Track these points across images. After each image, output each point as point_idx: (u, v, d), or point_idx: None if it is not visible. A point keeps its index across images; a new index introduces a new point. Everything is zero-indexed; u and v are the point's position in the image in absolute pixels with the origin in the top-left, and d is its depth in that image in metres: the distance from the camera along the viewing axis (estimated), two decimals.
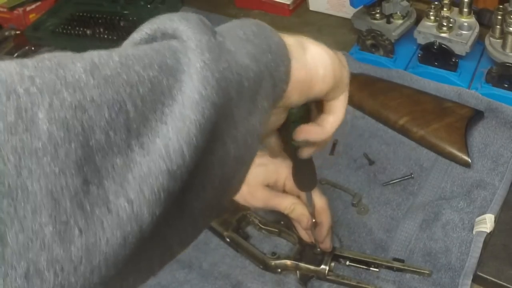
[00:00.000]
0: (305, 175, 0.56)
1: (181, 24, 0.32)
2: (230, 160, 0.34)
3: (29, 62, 0.25)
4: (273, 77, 0.37)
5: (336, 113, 0.47)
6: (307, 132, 0.47)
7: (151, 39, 0.34)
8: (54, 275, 0.24)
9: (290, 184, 0.61)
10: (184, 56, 0.30)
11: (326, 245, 0.64)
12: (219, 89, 0.30)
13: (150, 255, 0.30)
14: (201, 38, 0.31)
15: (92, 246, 0.24)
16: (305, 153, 0.51)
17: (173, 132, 0.27)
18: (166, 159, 0.27)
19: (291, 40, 0.41)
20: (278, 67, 0.37)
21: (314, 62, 0.42)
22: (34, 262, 0.23)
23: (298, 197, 0.62)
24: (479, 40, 0.87)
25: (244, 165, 0.37)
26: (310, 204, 0.60)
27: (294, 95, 0.41)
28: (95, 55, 0.27)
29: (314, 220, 0.61)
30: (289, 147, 0.51)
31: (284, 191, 0.63)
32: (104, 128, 0.25)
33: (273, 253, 0.67)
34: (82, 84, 0.25)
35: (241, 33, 0.36)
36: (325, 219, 0.62)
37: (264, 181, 0.62)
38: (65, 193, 0.24)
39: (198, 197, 0.32)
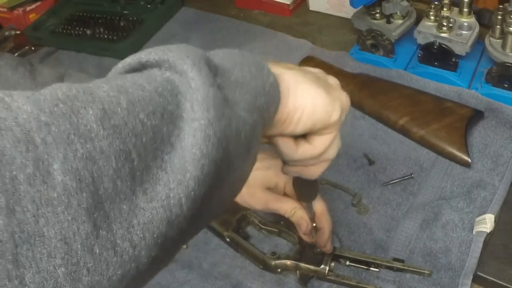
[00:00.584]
0: (306, 187, 0.57)
1: (189, 68, 0.33)
2: (225, 199, 0.37)
3: (45, 104, 0.27)
4: (263, 118, 0.38)
5: (312, 145, 0.46)
6: (282, 142, 0.46)
7: (153, 65, 0.34)
8: None
9: (290, 187, 0.61)
10: (188, 104, 0.31)
11: (327, 248, 0.64)
12: (219, 147, 0.32)
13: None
14: (208, 92, 0.32)
15: (96, 283, 0.27)
16: (285, 169, 0.51)
17: (174, 184, 0.30)
18: (166, 208, 0.30)
19: (286, 75, 0.41)
20: (269, 108, 0.39)
21: (294, 106, 0.42)
22: None
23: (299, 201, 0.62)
24: (479, 40, 0.87)
25: (230, 202, 0.40)
26: (310, 211, 0.60)
27: (270, 129, 0.42)
28: (105, 99, 0.28)
29: (314, 225, 0.61)
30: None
31: (284, 194, 0.63)
32: (111, 177, 0.28)
33: (273, 253, 0.67)
34: (93, 135, 0.27)
35: (240, 75, 0.37)
36: (325, 225, 0.62)
37: (264, 183, 0.63)
38: (77, 238, 0.26)
39: (190, 237, 0.36)
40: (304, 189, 0.57)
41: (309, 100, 0.42)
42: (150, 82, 0.31)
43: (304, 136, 0.47)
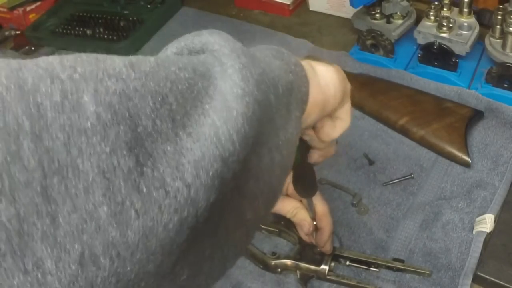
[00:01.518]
0: (305, 182, 0.57)
1: (211, 37, 0.33)
2: (276, 168, 0.34)
3: (65, 58, 0.25)
4: (300, 92, 0.38)
5: (343, 119, 0.50)
6: (325, 127, 0.49)
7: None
8: (110, 262, 0.23)
9: (292, 188, 0.61)
10: (217, 62, 0.30)
11: (327, 248, 0.64)
12: (259, 89, 0.30)
13: (202, 250, 0.29)
14: (234, 45, 0.32)
15: (149, 230, 0.24)
16: (316, 156, 0.53)
17: (221, 122, 0.27)
18: (218, 144, 0.27)
19: (303, 62, 0.42)
20: (300, 88, 0.39)
21: (325, 82, 0.43)
22: (89, 245, 0.22)
23: (301, 201, 0.62)
24: (479, 40, 0.87)
25: (286, 174, 0.38)
26: (310, 209, 0.60)
27: (312, 115, 0.42)
28: (129, 57, 0.27)
29: (314, 224, 0.61)
30: None
31: (286, 195, 0.63)
32: (149, 115, 0.25)
33: (273, 253, 0.67)
34: (123, 76, 0.25)
35: (261, 56, 0.36)
36: (326, 225, 0.62)
37: None
38: (118, 173, 0.23)
39: (251, 205, 0.32)
40: (304, 184, 0.57)
41: (333, 74, 0.44)
42: (178, 58, 0.31)
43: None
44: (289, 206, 0.62)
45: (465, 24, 0.85)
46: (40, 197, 0.21)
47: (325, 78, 0.43)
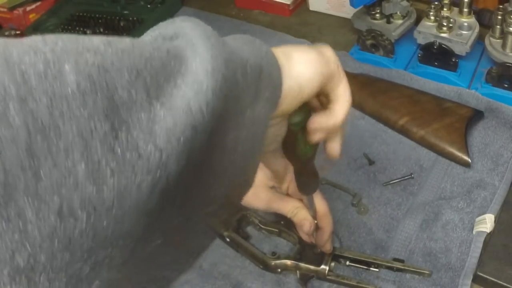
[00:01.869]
0: (307, 179, 0.56)
1: (183, 23, 0.34)
2: (239, 146, 0.36)
3: (49, 35, 0.27)
4: (271, 76, 0.39)
5: (339, 100, 0.48)
6: (319, 122, 0.48)
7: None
8: (87, 215, 0.25)
9: (293, 187, 0.61)
10: (189, 44, 0.32)
11: (327, 248, 0.64)
12: (227, 67, 0.32)
13: (171, 218, 0.31)
14: (205, 29, 0.34)
15: (123, 189, 0.26)
16: (316, 137, 0.51)
17: (192, 94, 0.30)
18: (189, 114, 0.29)
19: (276, 51, 0.42)
20: (271, 72, 0.40)
21: (299, 69, 0.43)
22: (68, 199, 0.24)
23: (301, 200, 0.62)
24: (479, 40, 0.87)
25: (253, 157, 0.39)
26: (311, 207, 0.60)
27: (285, 102, 0.42)
28: (108, 38, 0.29)
29: (315, 223, 0.61)
30: (291, 153, 0.51)
31: (287, 194, 0.63)
32: (125, 86, 0.27)
33: (273, 253, 0.67)
34: (101, 50, 0.27)
35: (233, 43, 0.38)
36: (326, 225, 0.62)
37: (268, 183, 0.63)
38: (95, 136, 0.25)
39: (216, 182, 0.35)
40: (306, 181, 0.57)
41: (309, 59, 0.44)
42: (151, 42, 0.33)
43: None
44: (290, 206, 0.62)
45: (465, 24, 0.85)
46: (25, 152, 0.23)
47: (300, 65, 0.43)
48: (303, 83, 0.43)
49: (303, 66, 0.43)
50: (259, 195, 0.62)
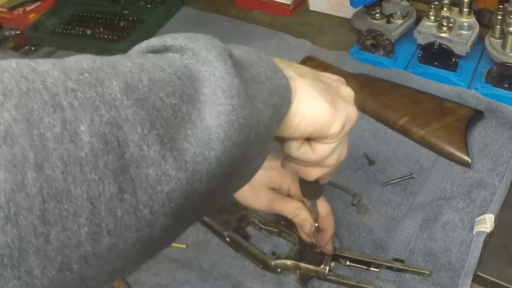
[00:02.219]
0: (311, 185, 0.57)
1: (213, 57, 0.34)
2: (230, 192, 0.40)
3: (71, 71, 0.28)
4: (277, 117, 0.40)
5: (312, 150, 0.47)
6: (289, 146, 0.47)
7: (169, 49, 0.36)
8: (80, 267, 0.27)
9: (294, 189, 0.61)
10: (206, 90, 0.33)
11: (328, 249, 0.64)
12: (241, 133, 0.33)
13: (148, 257, 0.33)
14: (232, 81, 0.34)
15: (113, 245, 0.28)
16: (283, 162, 0.52)
17: (200, 158, 0.31)
18: (189, 182, 0.30)
19: (295, 83, 0.42)
20: (281, 109, 0.40)
21: (296, 110, 0.42)
22: (68, 257, 0.26)
23: (302, 201, 0.62)
24: (479, 40, 0.87)
25: (233, 194, 0.42)
26: (313, 211, 0.60)
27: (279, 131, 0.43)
28: (127, 74, 0.30)
29: (316, 225, 0.61)
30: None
31: (288, 195, 0.63)
32: (137, 143, 0.28)
33: (273, 253, 0.67)
34: (117, 103, 0.28)
35: (255, 74, 0.38)
36: (328, 226, 0.62)
37: (269, 184, 0.62)
38: (102, 199, 0.27)
39: (194, 217, 0.36)
40: (309, 187, 0.57)
41: (310, 108, 0.43)
42: (170, 65, 0.33)
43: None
44: (290, 207, 0.62)
45: (465, 24, 0.85)
46: (38, 220, 0.25)
47: (302, 107, 0.42)
48: (301, 122, 0.42)
49: (302, 111, 0.42)
50: (260, 196, 0.62)
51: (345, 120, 0.45)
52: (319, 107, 0.43)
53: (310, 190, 0.57)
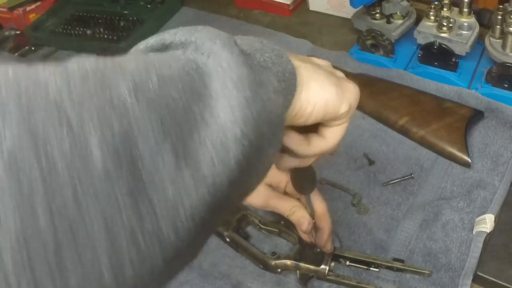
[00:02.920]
0: (304, 178, 0.56)
1: (219, 47, 0.32)
2: (248, 188, 0.36)
3: (74, 78, 0.25)
4: (285, 105, 0.38)
5: (325, 138, 0.47)
6: (291, 140, 0.47)
7: (177, 45, 0.34)
8: None
9: (291, 186, 0.61)
10: (217, 83, 0.30)
11: (327, 248, 0.64)
12: (256, 128, 0.31)
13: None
14: (242, 71, 0.31)
15: (138, 277, 0.25)
16: (286, 163, 0.51)
17: (220, 166, 0.29)
18: (211, 191, 0.28)
19: (301, 70, 0.41)
20: (287, 95, 0.39)
21: (306, 100, 0.42)
22: None
23: (299, 200, 0.62)
24: (479, 40, 0.87)
25: (248, 194, 0.39)
26: (309, 206, 0.60)
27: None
28: (134, 72, 0.27)
29: (313, 222, 0.61)
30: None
31: (285, 193, 0.63)
32: (152, 155, 0.26)
33: (273, 253, 0.67)
34: (127, 107, 0.25)
35: (262, 60, 0.36)
36: (325, 225, 0.62)
37: (267, 180, 0.62)
38: (119, 227, 0.24)
39: (210, 226, 0.34)
40: (302, 180, 0.57)
41: (320, 94, 0.43)
42: (176, 61, 0.30)
43: (306, 130, 0.47)
44: (287, 205, 0.62)
45: (465, 24, 0.85)
46: (53, 257, 0.22)
47: (309, 97, 0.41)
48: (301, 113, 0.42)
49: (311, 99, 0.42)
50: (258, 192, 0.62)
51: (350, 98, 0.45)
52: (328, 92, 0.43)
53: (305, 183, 0.57)
